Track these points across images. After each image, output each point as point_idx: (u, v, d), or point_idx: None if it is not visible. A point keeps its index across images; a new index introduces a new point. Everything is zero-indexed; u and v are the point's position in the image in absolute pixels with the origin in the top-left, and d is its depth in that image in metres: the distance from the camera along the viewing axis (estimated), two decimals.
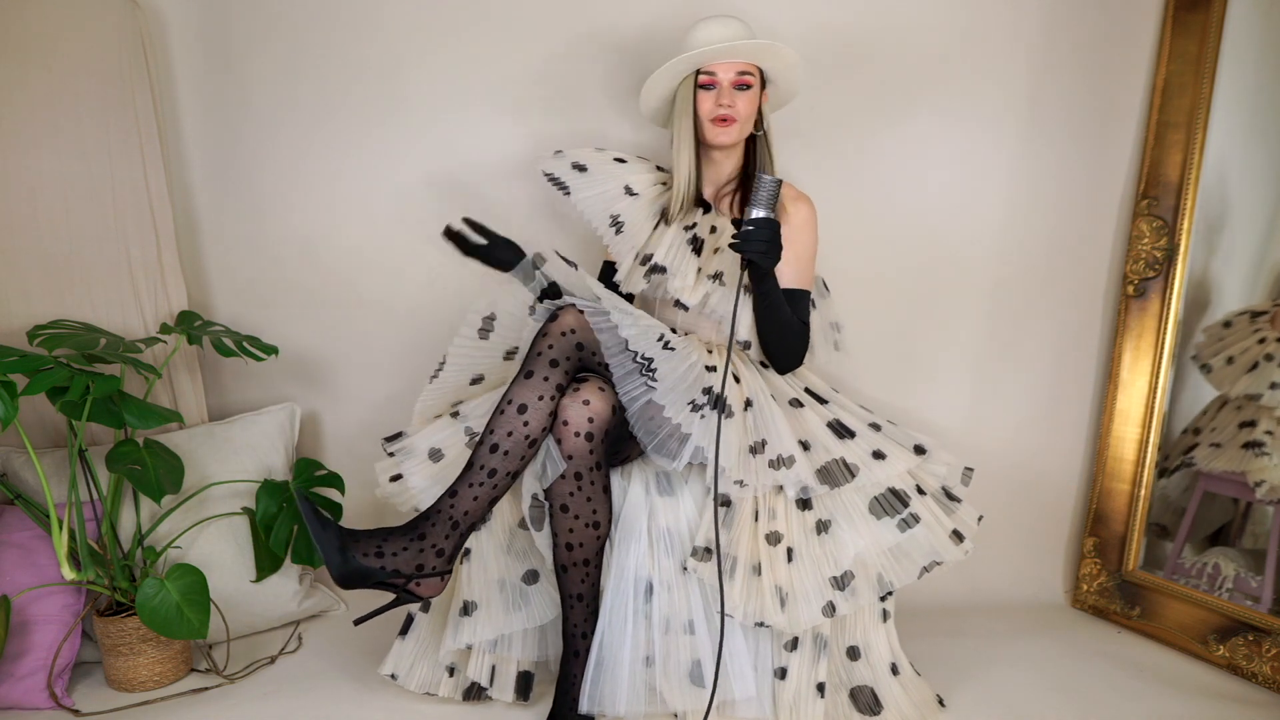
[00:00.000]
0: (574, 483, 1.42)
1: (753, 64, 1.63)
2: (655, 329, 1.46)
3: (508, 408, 1.40)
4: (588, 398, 1.41)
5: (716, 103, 1.61)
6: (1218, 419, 1.97)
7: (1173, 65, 1.98)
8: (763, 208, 1.45)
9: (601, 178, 1.71)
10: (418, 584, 1.36)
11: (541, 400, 1.40)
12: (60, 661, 1.61)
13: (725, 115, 1.61)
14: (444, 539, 1.37)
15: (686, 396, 1.43)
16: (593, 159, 1.73)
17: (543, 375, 1.41)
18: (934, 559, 1.49)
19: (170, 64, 2.03)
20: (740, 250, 1.44)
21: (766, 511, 1.47)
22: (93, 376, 1.52)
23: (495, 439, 1.39)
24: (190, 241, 2.09)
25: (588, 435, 1.41)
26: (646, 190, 1.72)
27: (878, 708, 1.50)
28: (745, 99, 1.62)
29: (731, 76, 1.61)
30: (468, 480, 1.38)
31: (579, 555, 1.45)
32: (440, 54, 2.03)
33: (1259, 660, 1.72)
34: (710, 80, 1.62)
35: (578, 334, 1.43)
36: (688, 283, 1.61)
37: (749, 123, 1.65)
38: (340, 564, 1.30)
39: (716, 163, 1.71)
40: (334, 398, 2.15)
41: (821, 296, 1.81)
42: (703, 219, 1.70)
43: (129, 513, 1.76)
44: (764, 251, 1.44)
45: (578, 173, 1.70)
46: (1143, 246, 2.02)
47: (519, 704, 1.58)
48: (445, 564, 1.37)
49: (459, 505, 1.38)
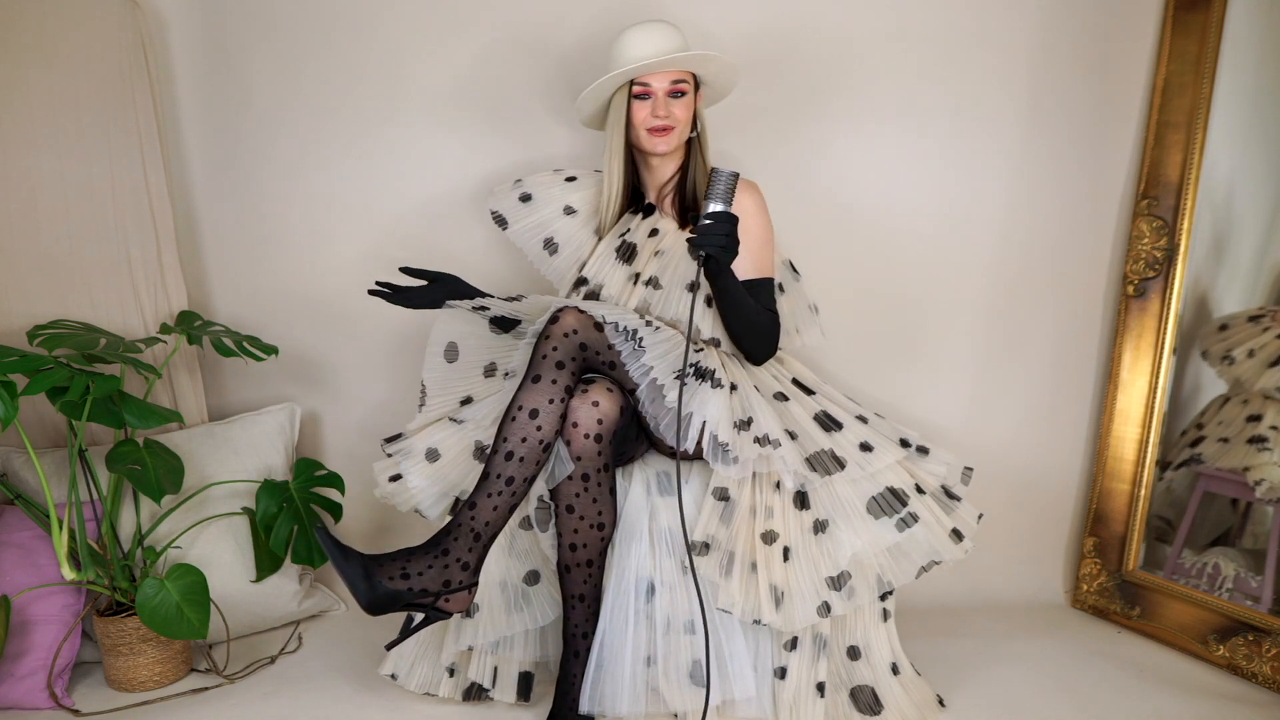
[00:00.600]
0: (581, 484, 1.42)
1: (685, 71, 1.62)
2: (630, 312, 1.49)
3: (519, 414, 1.39)
4: (597, 399, 1.41)
5: (652, 113, 1.61)
6: (1222, 414, 1.97)
7: (1173, 65, 1.98)
8: (719, 201, 1.44)
9: (542, 204, 1.74)
10: (446, 600, 1.35)
11: (552, 404, 1.40)
12: (60, 661, 1.61)
13: (660, 125, 1.61)
14: (467, 552, 1.36)
15: (673, 366, 1.44)
16: (540, 185, 1.76)
17: (550, 378, 1.41)
18: (933, 558, 1.49)
19: (170, 64, 2.03)
20: (698, 245, 1.43)
21: (764, 510, 1.47)
22: (93, 376, 1.52)
23: (510, 446, 1.38)
24: (190, 241, 2.09)
25: (596, 437, 1.41)
26: (585, 205, 1.74)
27: (878, 707, 1.50)
28: (681, 105, 1.61)
29: (666, 86, 1.60)
30: (486, 490, 1.37)
31: (582, 556, 1.45)
32: (441, 54, 2.03)
33: (1259, 660, 1.72)
34: (644, 90, 1.61)
35: (580, 334, 1.43)
36: (612, 292, 1.62)
37: (686, 127, 1.64)
38: (367, 591, 1.28)
39: (655, 167, 1.70)
40: (334, 398, 2.15)
41: (794, 279, 1.80)
42: (641, 223, 1.69)
43: (129, 513, 1.76)
44: (723, 246, 1.43)
45: (521, 204, 1.74)
46: (1143, 246, 2.02)
47: (520, 704, 1.58)
48: (471, 577, 1.36)
49: (479, 516, 1.37)
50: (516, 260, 2.08)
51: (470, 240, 2.09)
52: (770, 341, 1.62)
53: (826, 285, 1.95)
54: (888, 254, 2.10)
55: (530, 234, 1.74)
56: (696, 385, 1.46)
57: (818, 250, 1.97)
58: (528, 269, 2.08)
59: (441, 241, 2.09)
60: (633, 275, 1.64)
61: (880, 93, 2.05)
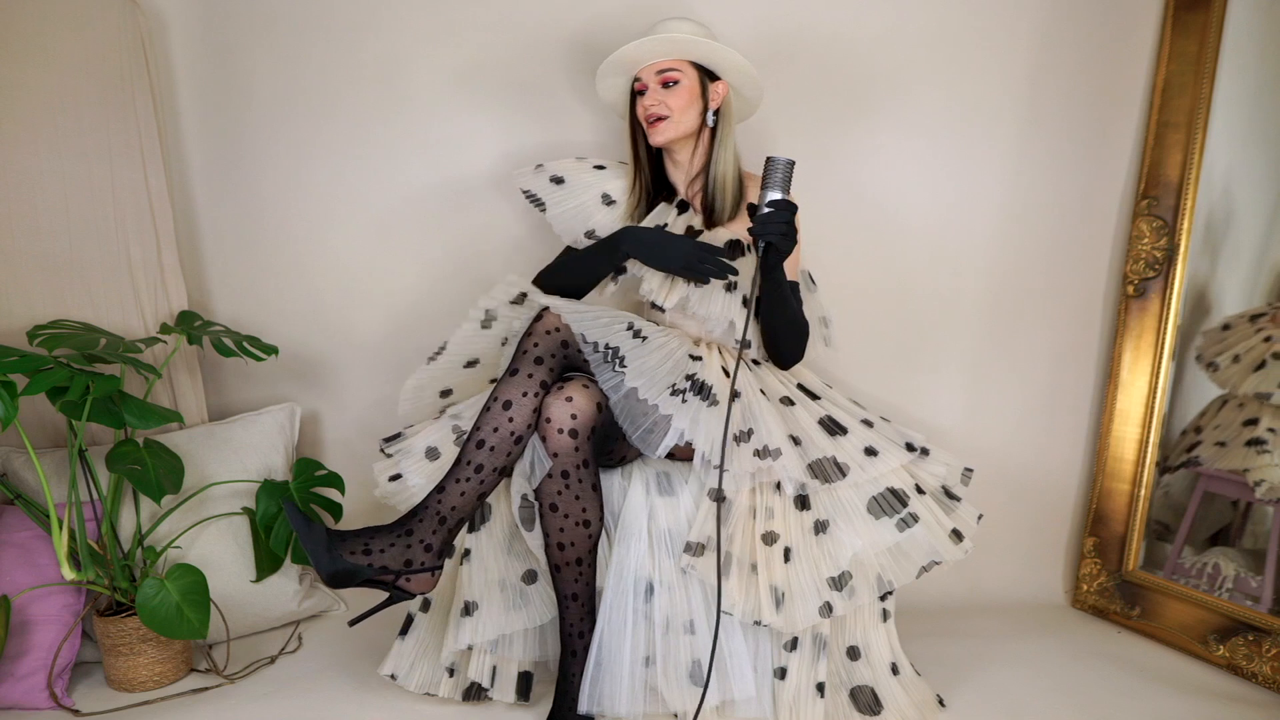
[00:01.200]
0: (561, 481, 1.42)
1: (678, 60, 1.62)
2: (623, 320, 1.48)
3: (494, 405, 1.41)
4: (571, 395, 1.41)
5: (645, 104, 1.63)
6: (1219, 417, 1.97)
7: (1173, 65, 1.98)
8: (777, 189, 1.43)
9: (578, 189, 1.73)
10: (408, 580, 1.36)
11: (526, 397, 1.40)
12: (60, 661, 1.61)
13: (653, 114, 1.62)
14: (431, 534, 1.37)
15: (666, 381, 1.43)
16: (571, 170, 1.75)
17: (527, 373, 1.41)
18: (933, 558, 1.49)
19: (170, 64, 2.03)
20: (759, 235, 1.43)
21: (764, 510, 1.47)
22: (93, 376, 1.52)
23: (482, 435, 1.40)
24: (190, 241, 2.09)
25: (572, 432, 1.40)
26: (624, 196, 1.74)
27: (878, 708, 1.50)
28: (675, 95, 1.62)
29: (653, 75, 1.62)
30: (455, 476, 1.39)
31: (571, 555, 1.45)
32: (441, 54, 2.03)
33: (1259, 660, 1.72)
34: (641, 85, 1.65)
35: (562, 332, 1.44)
36: (653, 285, 1.61)
37: (684, 118, 1.63)
38: (329, 563, 1.30)
39: (677, 163, 1.71)
40: (334, 398, 2.15)
41: (809, 290, 1.81)
42: (677, 219, 1.69)
43: (129, 513, 1.75)
44: (784, 234, 1.42)
45: (555, 186, 1.73)
46: (1143, 246, 2.02)
47: (519, 704, 1.58)
48: (435, 559, 1.37)
49: (446, 501, 1.38)
50: (517, 260, 2.08)
51: (471, 239, 2.09)
52: (803, 344, 1.63)
53: (826, 285, 1.95)
54: (887, 254, 2.10)
55: (574, 220, 1.72)
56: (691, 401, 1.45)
57: (818, 250, 1.96)
58: (524, 269, 2.08)
59: (442, 240, 2.09)
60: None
61: (880, 93, 2.05)
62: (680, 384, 1.45)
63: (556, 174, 1.74)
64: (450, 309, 2.10)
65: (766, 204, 1.43)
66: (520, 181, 1.77)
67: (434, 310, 2.10)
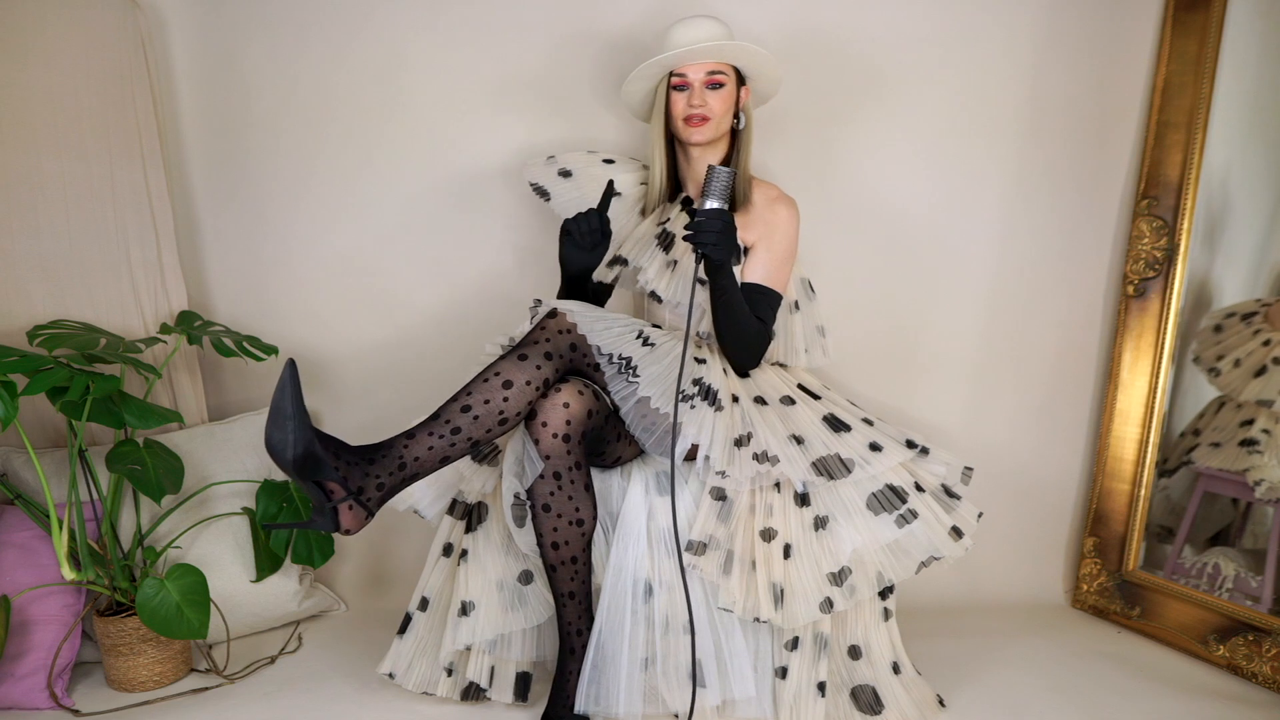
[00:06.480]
0: (553, 482, 1.41)
1: (725, 63, 1.62)
2: (633, 328, 1.48)
3: (493, 379, 1.38)
4: (566, 400, 1.40)
5: (688, 103, 1.62)
6: (1218, 418, 1.97)
7: (1173, 65, 1.98)
8: (715, 199, 1.43)
9: (585, 181, 1.74)
10: (349, 507, 1.30)
11: (529, 385, 1.39)
12: (60, 661, 1.61)
13: (697, 115, 1.61)
14: (388, 475, 1.32)
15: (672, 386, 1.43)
16: (579, 163, 1.76)
17: (535, 364, 1.40)
18: (932, 554, 1.49)
19: (170, 64, 2.03)
20: (692, 241, 1.43)
21: (764, 508, 1.48)
22: (93, 376, 1.52)
23: (470, 401, 1.37)
24: (190, 241, 2.09)
25: (564, 436, 1.40)
26: (630, 190, 1.75)
27: (879, 707, 1.50)
28: (718, 97, 1.62)
29: (702, 77, 1.61)
30: (429, 429, 1.35)
31: (566, 554, 1.45)
32: (441, 53, 2.03)
33: (1259, 660, 1.72)
34: (682, 81, 1.62)
35: (573, 334, 1.44)
36: (650, 275, 1.62)
37: (724, 120, 1.64)
38: (303, 440, 1.22)
39: (695, 160, 1.70)
40: (334, 398, 2.15)
41: (808, 299, 1.79)
42: (679, 215, 1.70)
43: (129, 513, 1.75)
44: (715, 243, 1.42)
45: (562, 179, 1.75)
46: (1143, 246, 2.02)
47: (517, 704, 1.58)
48: (376, 503, 1.32)
49: (411, 450, 1.34)
50: (516, 259, 2.08)
51: (471, 238, 2.09)
52: (754, 352, 1.60)
53: (826, 285, 1.94)
54: (887, 254, 2.10)
55: (576, 210, 1.72)
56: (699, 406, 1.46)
57: (819, 249, 1.96)
58: (524, 269, 2.09)
59: (443, 239, 2.09)
60: (669, 263, 1.64)
61: (879, 94, 2.04)
62: (689, 389, 1.46)
63: (565, 167, 1.76)
64: (450, 308, 2.10)
65: (700, 212, 1.43)
66: (529, 174, 1.78)
67: (434, 310, 2.10)
